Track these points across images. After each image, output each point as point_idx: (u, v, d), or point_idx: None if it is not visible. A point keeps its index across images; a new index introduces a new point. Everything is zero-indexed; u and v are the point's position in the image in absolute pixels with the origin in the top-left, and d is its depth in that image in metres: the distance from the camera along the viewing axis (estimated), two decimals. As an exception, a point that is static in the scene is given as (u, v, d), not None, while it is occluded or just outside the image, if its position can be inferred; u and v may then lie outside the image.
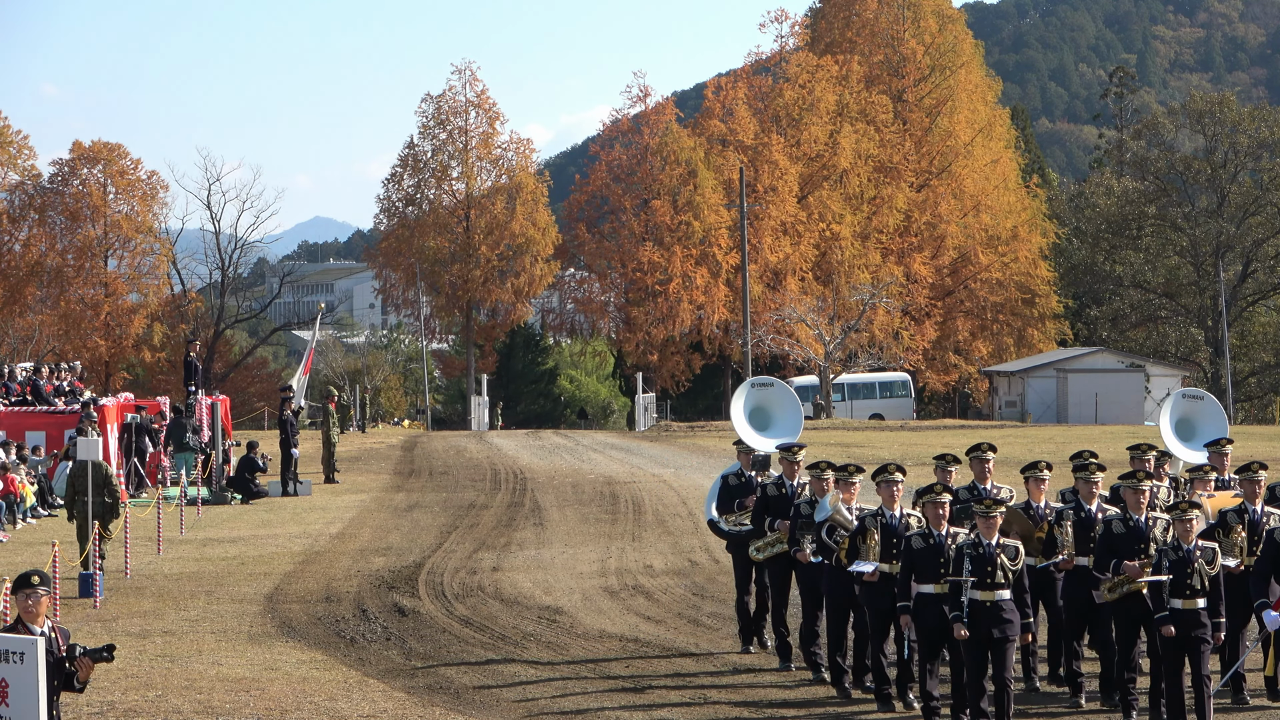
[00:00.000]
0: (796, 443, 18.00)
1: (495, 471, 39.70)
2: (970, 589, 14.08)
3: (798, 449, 17.65)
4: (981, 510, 14.24)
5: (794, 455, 17.55)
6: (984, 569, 14.08)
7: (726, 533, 18.38)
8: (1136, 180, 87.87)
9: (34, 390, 37.63)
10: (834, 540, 16.02)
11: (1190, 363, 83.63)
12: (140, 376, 75.49)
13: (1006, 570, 14.12)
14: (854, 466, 16.55)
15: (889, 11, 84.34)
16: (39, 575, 10.68)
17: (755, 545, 17.68)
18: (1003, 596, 14.13)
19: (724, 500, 18.44)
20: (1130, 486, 15.11)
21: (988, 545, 14.16)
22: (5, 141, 74.31)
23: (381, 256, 79.30)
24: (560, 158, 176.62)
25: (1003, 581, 14.11)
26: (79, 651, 10.50)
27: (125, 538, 24.84)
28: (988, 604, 14.08)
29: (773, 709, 15.89)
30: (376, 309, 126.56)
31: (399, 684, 16.96)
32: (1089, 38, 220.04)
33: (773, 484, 17.70)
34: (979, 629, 14.08)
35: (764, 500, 17.63)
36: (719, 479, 18.83)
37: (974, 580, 14.06)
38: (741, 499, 18.22)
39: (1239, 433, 56.21)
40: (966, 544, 14.22)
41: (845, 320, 72.72)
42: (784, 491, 17.46)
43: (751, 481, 18.30)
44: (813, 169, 79.97)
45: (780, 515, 17.35)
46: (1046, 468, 16.46)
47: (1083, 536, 15.58)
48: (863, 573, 15.42)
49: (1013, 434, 54.58)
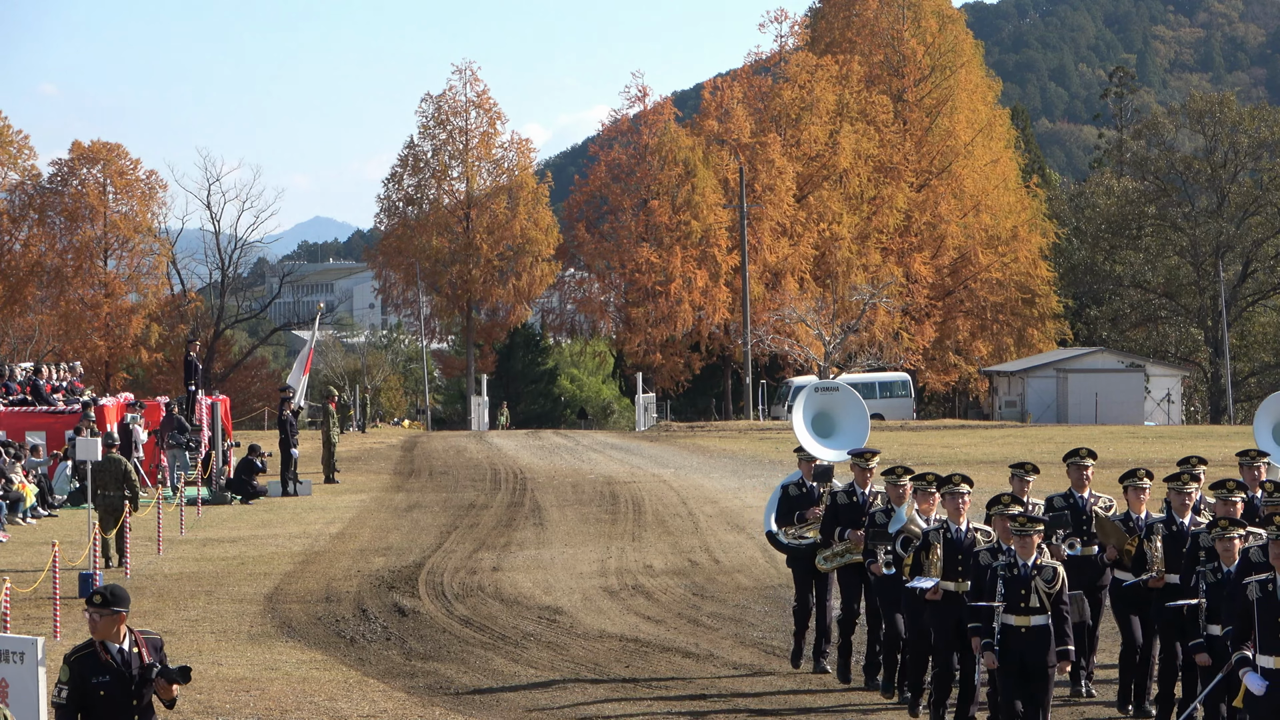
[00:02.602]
0: (869, 449, 17.03)
1: (495, 471, 39.70)
2: (1003, 613, 13.11)
3: (870, 455, 16.73)
4: (1017, 527, 13.20)
5: (866, 462, 16.61)
6: (1018, 591, 13.06)
7: (786, 546, 17.40)
8: (1136, 180, 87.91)
9: (34, 390, 37.63)
10: (908, 552, 15.04)
11: (1190, 363, 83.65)
12: (140, 376, 75.47)
13: (1042, 594, 13.08)
14: (933, 475, 15.30)
15: (889, 11, 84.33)
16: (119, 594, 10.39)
17: (823, 555, 16.84)
18: (1038, 622, 13.08)
19: (783, 511, 17.45)
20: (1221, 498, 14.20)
21: (1023, 566, 13.12)
22: (5, 141, 74.29)
23: (381, 256, 79.29)
24: (559, 158, 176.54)
25: (1038, 606, 13.07)
26: (154, 673, 10.28)
27: (125, 537, 25.01)
28: (1022, 630, 13.07)
29: (773, 709, 15.88)
30: (376, 309, 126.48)
31: (399, 684, 16.95)
32: (1089, 38, 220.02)
33: (843, 492, 16.70)
34: (1011, 657, 13.10)
35: (834, 509, 16.64)
36: (778, 489, 17.78)
37: (1006, 604, 13.09)
38: (802, 510, 17.26)
39: (1239, 433, 56.25)
40: (1000, 565, 13.20)
41: (845, 320, 72.71)
42: (855, 500, 16.52)
43: (814, 492, 17.30)
44: (812, 169, 79.96)
45: (851, 525, 16.43)
46: (1146, 476, 15.30)
47: (1174, 552, 14.38)
48: (923, 589, 14.51)
49: (1013, 434, 54.61)
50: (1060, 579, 13.13)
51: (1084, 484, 15.92)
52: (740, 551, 26.08)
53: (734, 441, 50.57)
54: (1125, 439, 50.42)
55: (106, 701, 10.20)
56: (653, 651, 18.56)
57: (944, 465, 32.23)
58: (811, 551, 17.03)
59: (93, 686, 10.18)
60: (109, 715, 10.23)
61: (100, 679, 10.19)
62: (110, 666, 10.23)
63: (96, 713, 10.23)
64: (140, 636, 10.43)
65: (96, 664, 10.23)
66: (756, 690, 16.65)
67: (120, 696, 10.22)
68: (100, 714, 10.24)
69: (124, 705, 10.24)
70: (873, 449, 17.00)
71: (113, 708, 10.22)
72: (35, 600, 20.89)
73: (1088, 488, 15.94)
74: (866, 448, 17.16)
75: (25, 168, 74.96)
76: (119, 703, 10.22)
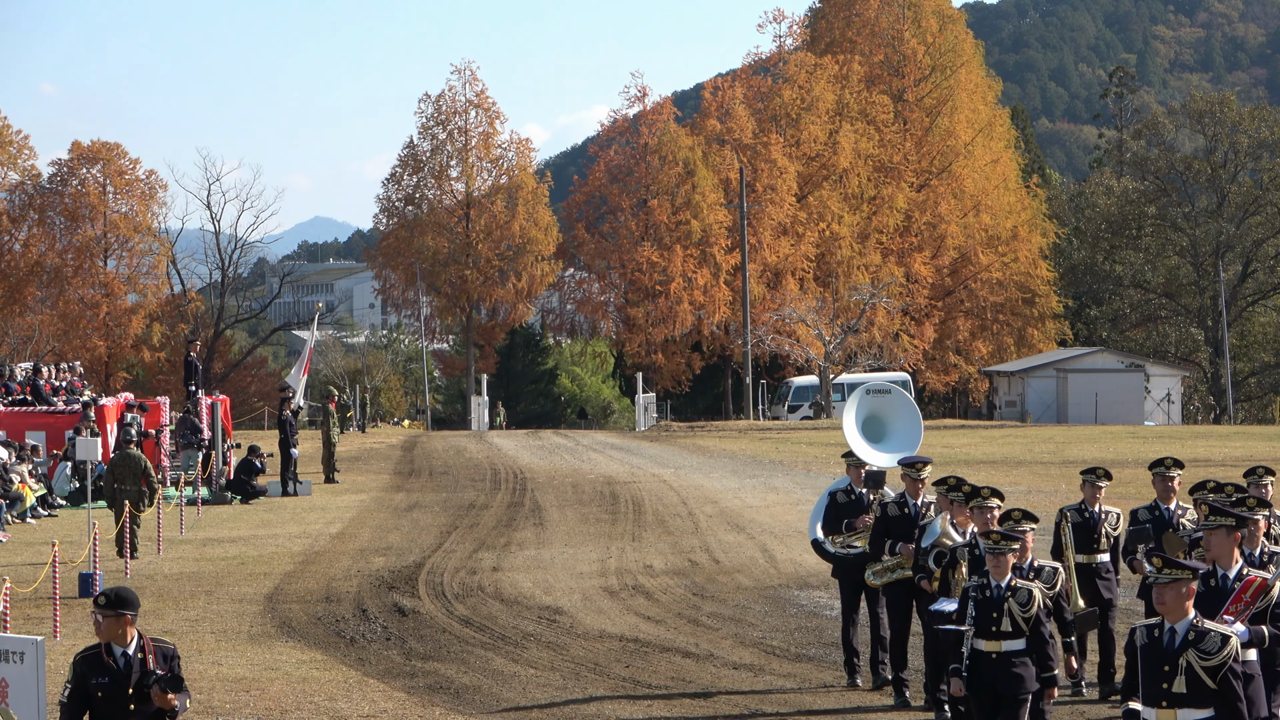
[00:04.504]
0: (920, 457, 15.99)
1: (495, 471, 39.69)
2: (974, 637, 12.10)
3: (922, 464, 15.74)
4: (990, 545, 12.23)
5: (918, 472, 15.65)
6: (989, 614, 12.07)
7: (833, 555, 16.57)
8: (1136, 180, 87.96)
9: (34, 390, 37.62)
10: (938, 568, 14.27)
11: (1190, 363, 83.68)
12: (140, 376, 75.46)
13: (1017, 617, 12.04)
14: (989, 490, 14.00)
15: (889, 11, 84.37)
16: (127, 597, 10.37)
17: (873, 569, 15.93)
18: (1012, 647, 12.05)
19: (831, 519, 16.64)
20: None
21: (996, 587, 12.11)
22: (5, 141, 74.27)
23: (381, 256, 79.28)
24: (559, 158, 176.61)
25: (1010, 630, 12.04)
26: (151, 680, 10.23)
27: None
28: (993, 655, 12.05)
29: (773, 709, 15.87)
30: (376, 309, 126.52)
31: (399, 684, 16.95)
32: (1089, 38, 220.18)
33: (894, 502, 15.81)
34: (981, 684, 12.09)
35: (884, 520, 15.75)
36: (825, 495, 16.98)
37: (976, 628, 12.09)
38: (850, 519, 16.48)
39: (1239, 433, 56.29)
40: (973, 585, 12.28)
41: (845, 320, 72.71)
42: (907, 511, 15.61)
43: (862, 499, 16.55)
44: (812, 169, 79.98)
45: (903, 537, 15.58)
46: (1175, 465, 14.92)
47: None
48: (944, 612, 13.60)
49: (1013, 434, 54.59)
50: (1036, 602, 12.10)
51: (1170, 495, 15.37)
52: (740, 551, 26.08)
53: (734, 441, 50.56)
54: (1125, 439, 50.41)
55: (104, 703, 10.20)
56: (653, 651, 18.55)
57: (944, 466, 32.22)
58: (860, 561, 16.24)
59: (93, 687, 10.19)
60: (108, 716, 10.23)
61: (99, 680, 10.19)
62: (111, 669, 10.22)
63: (95, 713, 10.24)
64: (150, 643, 10.40)
65: (99, 665, 10.23)
66: (757, 690, 16.64)
67: (117, 700, 10.21)
68: (99, 714, 10.24)
69: (120, 709, 10.22)
70: (924, 457, 15.99)
71: (110, 710, 10.21)
72: (35, 600, 20.88)
73: (1174, 499, 15.38)
74: (918, 456, 16.20)
75: (25, 168, 74.97)
76: (115, 706, 10.21)
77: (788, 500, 33.24)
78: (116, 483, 25.89)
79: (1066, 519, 15.95)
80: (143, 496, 25.86)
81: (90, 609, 10.37)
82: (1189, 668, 9.75)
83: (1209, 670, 9.71)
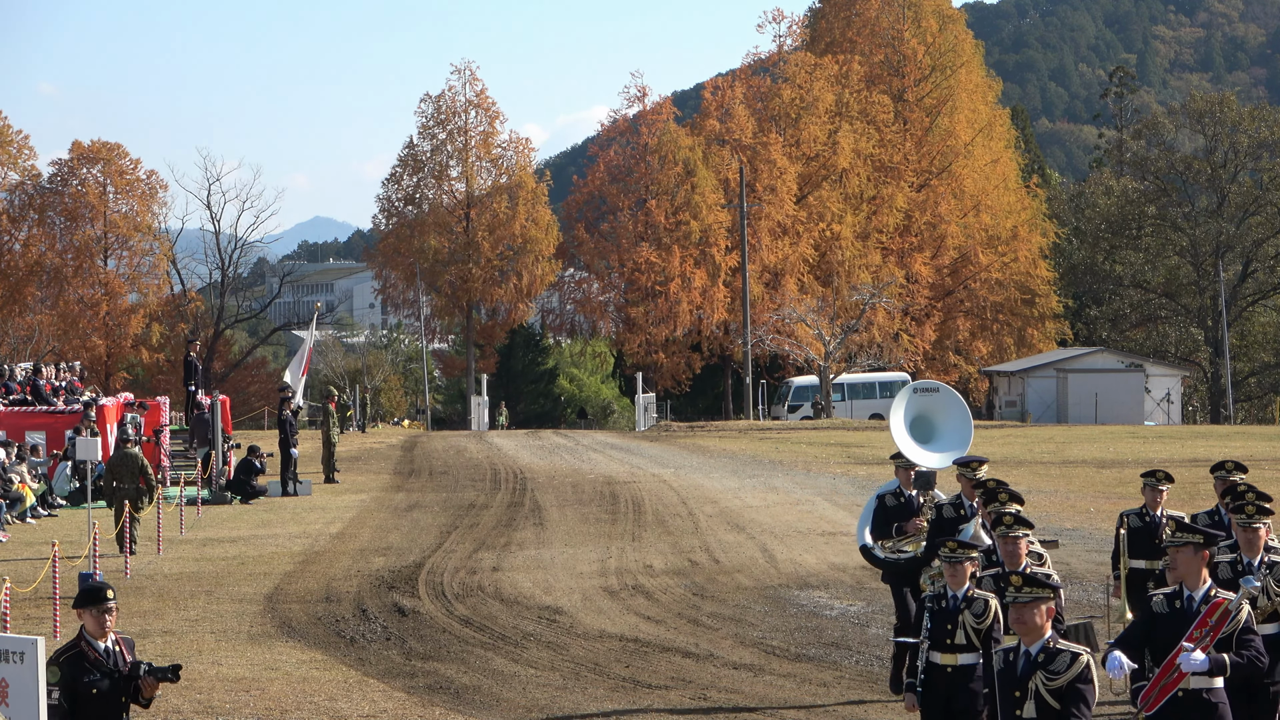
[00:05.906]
0: (975, 456, 15.35)
1: (495, 471, 39.68)
2: (929, 650, 11.64)
3: (977, 464, 15.03)
4: (947, 553, 11.70)
5: (973, 471, 14.91)
6: (944, 626, 11.56)
7: (882, 560, 15.98)
8: (1136, 180, 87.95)
9: (34, 390, 37.62)
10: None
11: (1190, 363, 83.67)
12: (140, 376, 75.47)
13: (970, 629, 11.54)
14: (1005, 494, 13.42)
15: (889, 11, 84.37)
16: (111, 589, 10.35)
17: (928, 574, 14.98)
18: (966, 660, 11.57)
19: (879, 523, 16.04)
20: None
21: (952, 598, 11.62)
22: (5, 141, 74.29)
23: (381, 256, 79.31)
24: (559, 158, 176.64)
25: (964, 643, 11.54)
26: (143, 670, 10.21)
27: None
28: (948, 669, 11.57)
29: (773, 709, 15.87)
30: (376, 309, 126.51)
31: (399, 684, 16.95)
32: (1089, 38, 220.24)
33: (949, 504, 15.14)
34: (936, 699, 11.62)
35: (939, 523, 15.03)
36: (873, 499, 16.35)
37: (931, 640, 11.63)
38: (900, 522, 15.91)
39: (1239, 433, 56.26)
40: (929, 596, 11.86)
41: (845, 320, 72.71)
42: (963, 513, 14.87)
43: (912, 502, 15.97)
44: (812, 169, 79.97)
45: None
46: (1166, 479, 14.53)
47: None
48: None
49: (1013, 434, 54.56)
50: (991, 613, 11.52)
51: (1157, 504, 15.25)
52: (740, 551, 26.08)
53: (734, 441, 50.54)
54: (1125, 439, 50.41)
55: (99, 700, 10.10)
56: (653, 651, 18.55)
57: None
58: (911, 566, 15.62)
59: (84, 686, 10.07)
60: (101, 714, 10.15)
61: (91, 678, 10.09)
62: (101, 665, 10.15)
63: (87, 712, 10.10)
64: (117, 635, 10.37)
65: (86, 663, 10.13)
66: (757, 690, 16.64)
67: (112, 695, 10.15)
68: (91, 713, 10.12)
69: (115, 703, 10.17)
70: (979, 457, 15.31)
71: (105, 706, 10.14)
72: (35, 600, 20.89)
73: (1160, 507, 15.24)
74: (972, 455, 15.58)
75: (25, 168, 75.00)
76: (111, 701, 10.15)
77: (788, 500, 33.26)
78: (115, 481, 26.11)
79: (1126, 523, 15.47)
80: (141, 495, 26.09)
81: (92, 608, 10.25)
82: (1037, 691, 9.35)
83: (1054, 692, 9.30)
